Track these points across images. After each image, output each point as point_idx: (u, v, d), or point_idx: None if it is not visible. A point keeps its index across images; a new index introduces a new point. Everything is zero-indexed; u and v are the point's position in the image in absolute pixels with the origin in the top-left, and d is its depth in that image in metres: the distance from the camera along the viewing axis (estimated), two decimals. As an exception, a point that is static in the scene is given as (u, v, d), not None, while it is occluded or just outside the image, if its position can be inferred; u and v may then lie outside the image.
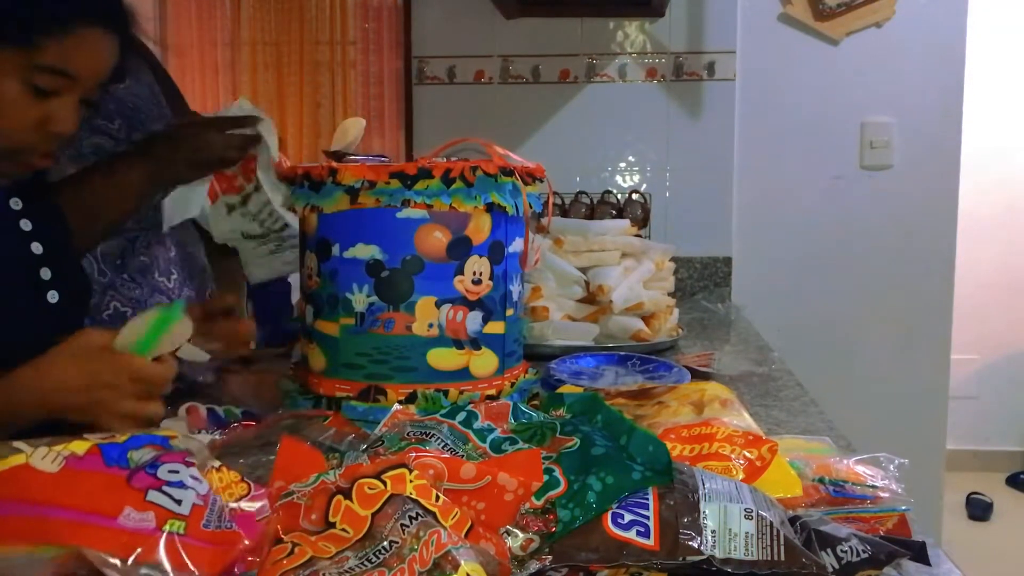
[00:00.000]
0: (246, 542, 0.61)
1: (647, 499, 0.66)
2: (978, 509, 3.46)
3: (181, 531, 0.58)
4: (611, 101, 2.41)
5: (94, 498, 0.59)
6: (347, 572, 0.59)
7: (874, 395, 2.37)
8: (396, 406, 0.91)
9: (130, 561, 0.56)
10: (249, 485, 0.67)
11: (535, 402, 1.02)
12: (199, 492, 0.62)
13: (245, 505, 0.65)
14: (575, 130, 2.42)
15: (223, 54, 3.37)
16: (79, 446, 0.62)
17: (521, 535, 0.65)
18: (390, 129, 3.28)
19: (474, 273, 1.01)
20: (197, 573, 0.57)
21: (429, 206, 0.97)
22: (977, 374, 3.76)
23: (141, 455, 0.63)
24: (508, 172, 1.02)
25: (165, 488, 0.60)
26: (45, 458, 0.60)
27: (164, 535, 0.58)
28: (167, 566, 0.56)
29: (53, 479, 0.59)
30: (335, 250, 1.01)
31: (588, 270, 1.61)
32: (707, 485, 0.67)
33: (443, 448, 0.75)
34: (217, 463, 0.68)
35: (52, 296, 1.01)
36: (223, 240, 1.59)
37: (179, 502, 0.60)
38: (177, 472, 0.62)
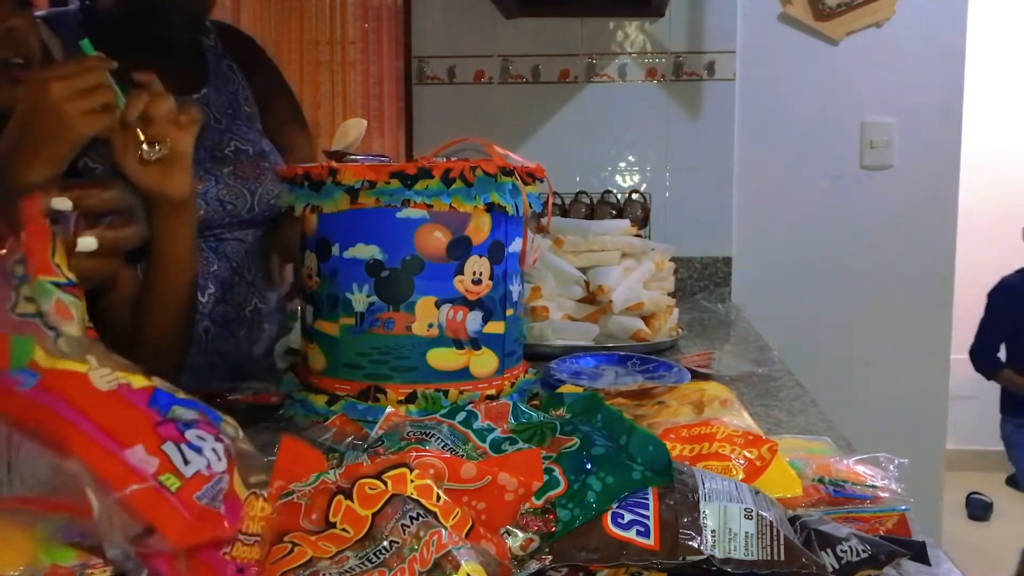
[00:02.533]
0: (225, 525, 0.60)
1: (647, 499, 0.65)
2: (978, 509, 3.46)
3: (173, 489, 0.58)
4: (611, 101, 2.41)
5: (118, 425, 0.59)
6: (347, 572, 0.59)
7: (874, 395, 2.37)
8: (389, 408, 0.91)
9: (118, 495, 0.56)
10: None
11: (535, 402, 1.02)
12: (211, 466, 0.61)
13: None
14: (575, 130, 2.42)
15: (223, 54, 3.37)
16: (138, 380, 0.62)
17: (521, 535, 0.65)
18: (390, 129, 3.28)
19: (474, 273, 1.01)
20: (163, 535, 0.56)
21: (429, 206, 0.97)
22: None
23: (184, 414, 0.63)
24: (508, 172, 1.02)
25: (183, 446, 0.60)
26: (103, 378, 0.61)
27: (155, 484, 0.57)
28: (141, 513, 0.56)
29: (101, 397, 0.60)
30: (335, 250, 1.01)
31: (588, 270, 1.61)
32: (707, 485, 0.67)
33: (443, 448, 0.75)
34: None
35: None
36: None
37: (187, 463, 0.59)
38: (203, 440, 0.62)
